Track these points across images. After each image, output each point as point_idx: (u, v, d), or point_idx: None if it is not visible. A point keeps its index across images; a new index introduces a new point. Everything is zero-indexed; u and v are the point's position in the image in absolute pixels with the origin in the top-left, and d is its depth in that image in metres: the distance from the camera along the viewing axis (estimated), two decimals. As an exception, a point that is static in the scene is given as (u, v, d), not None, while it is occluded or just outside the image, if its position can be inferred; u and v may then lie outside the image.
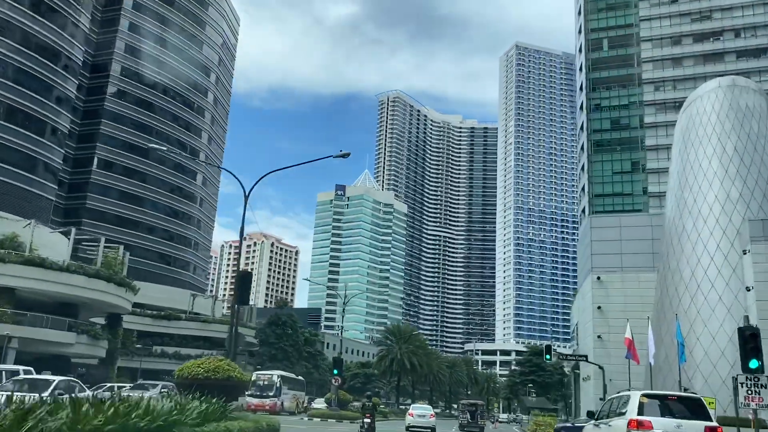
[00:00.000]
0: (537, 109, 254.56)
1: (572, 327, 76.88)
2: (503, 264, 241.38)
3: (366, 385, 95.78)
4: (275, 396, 39.33)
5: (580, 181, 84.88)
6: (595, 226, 50.44)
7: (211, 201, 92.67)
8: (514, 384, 76.16)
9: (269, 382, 40.02)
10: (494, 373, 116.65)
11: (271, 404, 38.39)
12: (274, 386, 39.58)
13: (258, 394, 39.28)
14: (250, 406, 38.07)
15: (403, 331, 65.64)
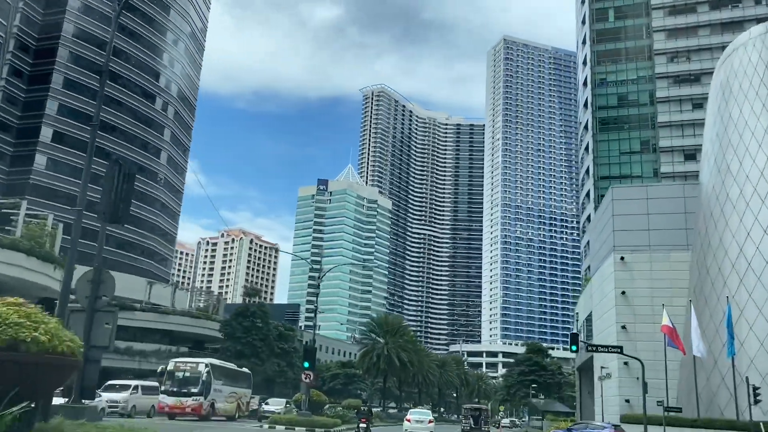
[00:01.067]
0: (525, 104, 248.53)
1: (578, 322, 69.44)
2: (490, 263, 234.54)
3: (347, 386, 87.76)
4: (201, 393, 30.15)
5: (584, 163, 77.79)
6: (618, 199, 43.07)
7: (177, 184, 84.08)
8: (512, 385, 68.82)
9: (192, 374, 30.64)
10: (485, 374, 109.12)
11: (195, 405, 29.81)
12: (200, 379, 30.40)
13: (175, 391, 30.15)
14: (162, 407, 29.80)
15: (391, 323, 57.82)
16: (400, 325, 59.34)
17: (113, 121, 72.00)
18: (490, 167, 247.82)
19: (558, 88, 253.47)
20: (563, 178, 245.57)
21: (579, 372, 65.65)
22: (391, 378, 58.66)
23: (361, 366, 57.93)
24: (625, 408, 39.70)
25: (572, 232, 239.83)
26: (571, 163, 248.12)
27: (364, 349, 56.95)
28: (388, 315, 71.33)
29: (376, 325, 57.40)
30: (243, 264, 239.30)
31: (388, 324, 56.53)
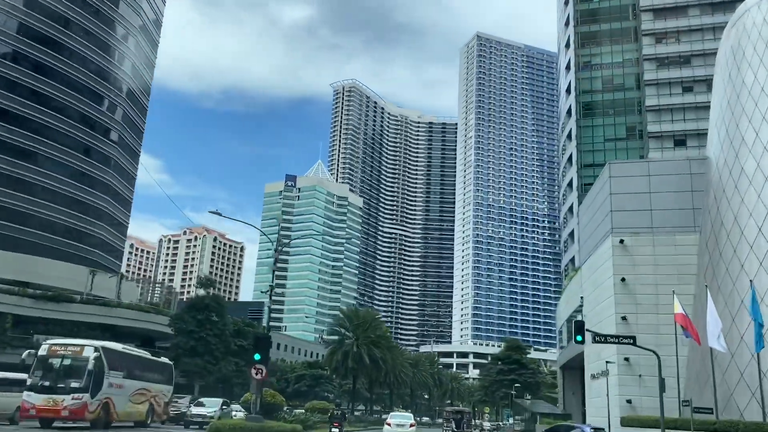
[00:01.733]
0: (498, 102, 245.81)
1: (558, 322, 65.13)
2: (461, 262, 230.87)
3: (313, 388, 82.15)
4: (86, 389, 21.51)
5: (567, 150, 73.66)
6: (617, 176, 38.57)
7: (129, 169, 77.45)
8: (490, 384, 64.09)
9: (75, 361, 21.82)
10: (459, 374, 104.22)
11: (76, 407, 21.13)
12: (85, 369, 21.61)
13: (47, 386, 21.34)
14: (27, 408, 21.12)
15: (362, 316, 52.35)
16: (373, 318, 53.94)
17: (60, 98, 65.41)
18: (462, 165, 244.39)
19: (530, 88, 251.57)
20: (535, 178, 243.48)
21: (562, 371, 61.35)
22: (361, 378, 53.37)
23: (328, 365, 52.24)
24: (626, 409, 35.09)
25: (543, 232, 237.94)
26: (543, 163, 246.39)
27: (332, 346, 51.42)
28: (359, 308, 65.56)
29: (346, 318, 51.78)
30: (206, 263, 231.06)
31: (359, 317, 51.10)
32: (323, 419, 31.67)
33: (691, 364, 33.78)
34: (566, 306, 57.84)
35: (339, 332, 51.76)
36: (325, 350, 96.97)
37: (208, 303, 49.61)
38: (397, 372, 58.09)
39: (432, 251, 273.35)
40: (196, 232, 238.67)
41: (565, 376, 60.67)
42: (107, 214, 71.67)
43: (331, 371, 52.88)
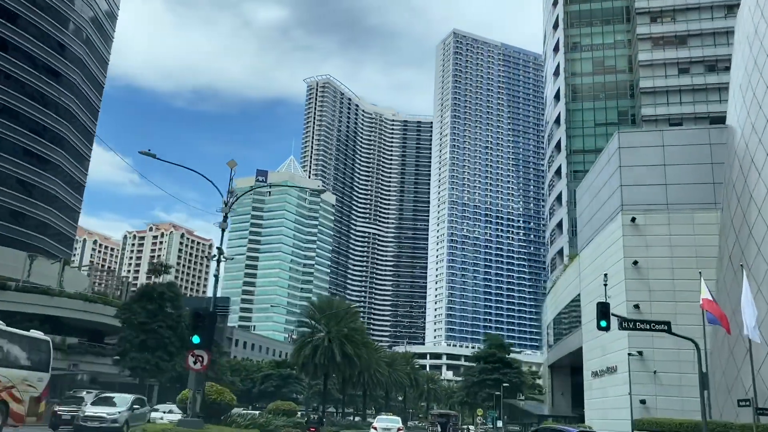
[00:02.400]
0: (474, 100, 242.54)
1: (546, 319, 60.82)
2: (436, 262, 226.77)
3: (281, 389, 76.56)
4: None
5: (554, 136, 69.53)
6: (627, 146, 34.15)
7: (82, 150, 71.04)
8: (472, 384, 59.28)
9: None
10: (436, 375, 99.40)
11: None
12: None
13: None
14: None
15: (336, 306, 46.92)
16: (348, 310, 48.53)
17: None
18: (437, 163, 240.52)
19: (507, 87, 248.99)
20: (510, 178, 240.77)
21: (550, 370, 56.96)
22: (333, 377, 48.11)
23: (295, 361, 46.56)
24: (640, 411, 30.55)
25: (519, 232, 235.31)
26: (519, 162, 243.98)
27: (300, 340, 45.96)
28: (332, 297, 60.04)
29: (316, 309, 46.33)
30: (173, 260, 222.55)
31: (332, 308, 45.72)
32: (288, 423, 26.39)
33: (715, 357, 29.43)
34: (556, 301, 53.49)
35: (308, 324, 46.21)
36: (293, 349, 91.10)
37: (161, 291, 43.86)
38: (372, 371, 52.98)
39: (405, 251, 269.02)
40: (163, 228, 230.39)
41: (553, 376, 56.38)
42: (56, 198, 65.26)
43: (298, 369, 47.18)
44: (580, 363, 52.90)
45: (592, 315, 39.36)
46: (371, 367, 52.37)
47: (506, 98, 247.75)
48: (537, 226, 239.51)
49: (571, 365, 56.31)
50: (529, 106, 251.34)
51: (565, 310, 49.79)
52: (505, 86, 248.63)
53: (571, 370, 56.72)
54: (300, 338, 46.38)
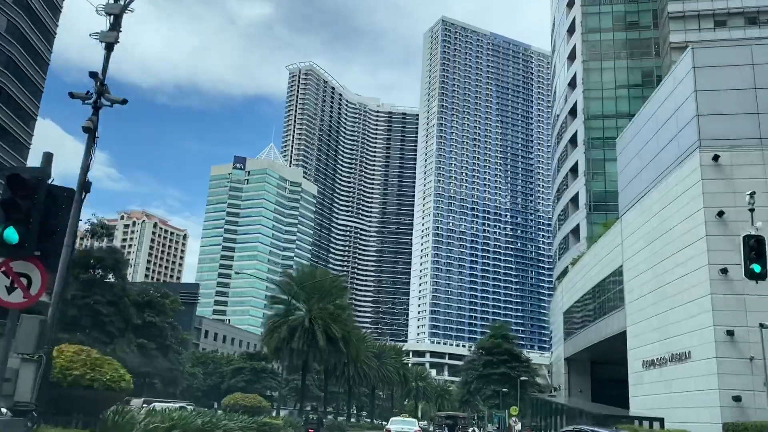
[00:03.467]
0: (462, 91, 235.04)
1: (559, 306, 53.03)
2: (420, 256, 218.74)
3: (253, 384, 67.80)
4: None
5: (568, 101, 61.61)
6: (704, 65, 26.27)
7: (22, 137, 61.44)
8: (475, 380, 51.00)
9: None
10: (425, 371, 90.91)
11: None
12: None
13: None
14: None
15: (319, 277, 37.97)
16: (334, 282, 39.54)
17: None
18: (423, 155, 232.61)
19: (496, 77, 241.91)
20: (498, 171, 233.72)
21: (567, 364, 49.00)
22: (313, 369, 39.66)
23: (267, 345, 37.56)
24: (732, 412, 22.51)
25: (506, 227, 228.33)
26: (507, 156, 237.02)
27: (273, 319, 36.98)
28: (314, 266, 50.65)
29: (294, 282, 37.45)
30: (144, 250, 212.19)
31: (313, 279, 36.91)
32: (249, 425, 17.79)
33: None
34: (575, 286, 45.55)
35: (284, 301, 37.38)
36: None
37: (101, 258, 35.01)
38: (359, 363, 44.52)
39: (388, 246, 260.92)
40: (135, 216, 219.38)
41: (570, 371, 48.40)
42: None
43: (271, 355, 38.05)
44: (602, 356, 44.94)
45: (641, 290, 31.32)
46: (359, 358, 43.84)
47: (495, 90, 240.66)
48: (525, 221, 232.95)
49: (591, 359, 48.46)
50: (518, 98, 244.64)
51: (588, 295, 41.85)
52: (494, 77, 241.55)
53: (591, 365, 48.89)
54: (273, 318, 37.60)
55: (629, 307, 32.50)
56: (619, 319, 34.00)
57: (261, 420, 20.12)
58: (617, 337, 34.35)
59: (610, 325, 35.68)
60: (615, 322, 34.64)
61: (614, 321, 34.89)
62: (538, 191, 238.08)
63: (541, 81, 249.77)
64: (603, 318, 37.20)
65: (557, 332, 53.06)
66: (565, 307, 49.14)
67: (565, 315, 48.94)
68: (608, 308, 36.23)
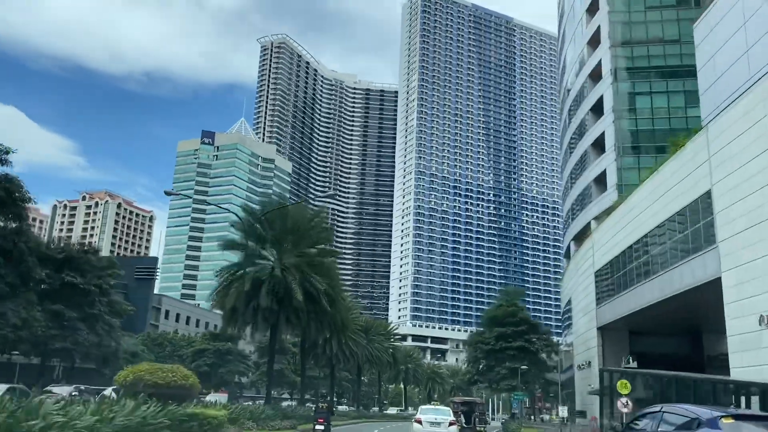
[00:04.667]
0: (443, 64, 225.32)
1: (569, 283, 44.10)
2: (401, 236, 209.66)
3: (217, 368, 58.20)
4: None
5: (590, 27, 52.29)
6: None
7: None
8: (486, 356, 41.44)
9: None
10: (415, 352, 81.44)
11: None
12: None
13: None
14: None
15: (291, 216, 27.58)
16: (312, 222, 29.17)
17: None
18: (403, 131, 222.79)
19: (477, 51, 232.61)
20: (481, 148, 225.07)
21: (601, 334, 40.17)
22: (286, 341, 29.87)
23: (221, 304, 26.68)
24: None
25: (489, 206, 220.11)
26: (490, 132, 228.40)
27: (229, 270, 26.78)
28: (283, 200, 39.65)
29: (262, 221, 26.83)
30: (108, 232, 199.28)
31: (286, 218, 26.73)
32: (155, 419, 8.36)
33: None
34: (614, 239, 36.56)
35: (243, 245, 26.97)
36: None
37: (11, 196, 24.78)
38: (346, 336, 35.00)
39: (367, 227, 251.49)
40: (97, 197, 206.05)
41: (604, 343, 39.49)
42: None
43: (226, 319, 27.72)
44: (649, 323, 36.15)
45: (747, 219, 22.24)
46: (347, 329, 34.26)
47: (477, 64, 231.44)
48: (508, 200, 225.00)
49: (629, 328, 39.60)
50: (501, 73, 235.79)
51: (640, 244, 32.81)
52: (476, 50, 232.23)
53: (629, 335, 40.04)
54: (229, 268, 27.44)
55: (726, 245, 23.37)
56: (705, 264, 24.89)
57: (183, 411, 10.83)
58: (701, 290, 25.33)
59: (688, 273, 26.56)
60: (698, 269, 25.52)
61: (696, 267, 25.78)
62: (522, 170, 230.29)
63: (524, 56, 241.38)
64: (674, 267, 28.08)
65: (582, 301, 44.11)
66: (597, 265, 40.09)
67: (598, 276, 39.91)
68: (686, 251, 27.10)
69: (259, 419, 21.39)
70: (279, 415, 24.35)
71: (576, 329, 46.64)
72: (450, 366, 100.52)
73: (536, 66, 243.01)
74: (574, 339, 46.42)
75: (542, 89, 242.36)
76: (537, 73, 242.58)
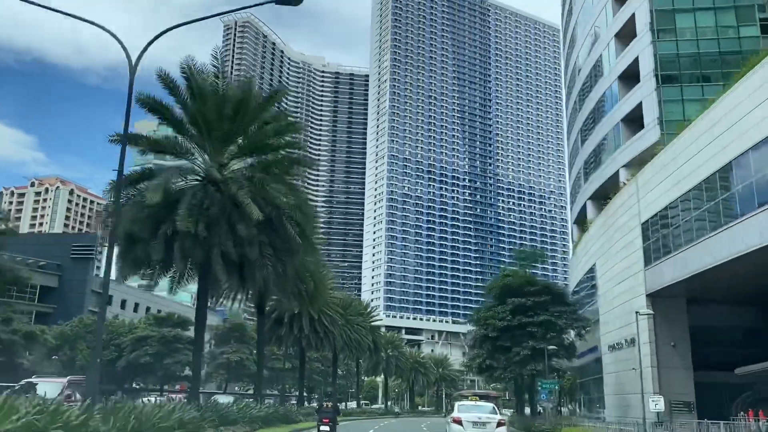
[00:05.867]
0: (416, 44, 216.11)
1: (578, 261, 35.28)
2: (373, 224, 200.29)
3: (163, 358, 48.00)
4: None
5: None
6: None
7: None
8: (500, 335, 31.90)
9: None
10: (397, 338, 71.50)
11: None
12: None
13: None
14: None
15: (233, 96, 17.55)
16: (265, 110, 18.60)
17: None
18: (375, 114, 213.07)
19: (451, 31, 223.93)
20: (455, 132, 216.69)
21: (652, 302, 31.30)
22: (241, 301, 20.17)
23: (112, 231, 17.14)
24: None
25: (464, 192, 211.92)
26: (464, 116, 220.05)
27: (132, 178, 17.07)
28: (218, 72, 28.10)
29: (186, 104, 16.86)
30: (60, 221, 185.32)
31: (223, 97, 17.01)
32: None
33: None
34: (678, 172, 27.66)
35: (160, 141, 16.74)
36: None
37: None
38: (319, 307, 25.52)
39: (337, 216, 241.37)
40: (48, 183, 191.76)
41: (656, 316, 30.56)
42: None
43: (121, 260, 17.40)
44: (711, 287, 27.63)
45: None
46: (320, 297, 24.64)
47: (450, 45, 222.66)
48: (484, 186, 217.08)
49: (687, 295, 30.90)
50: (475, 54, 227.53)
51: (715, 178, 23.98)
52: (449, 31, 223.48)
53: (687, 303, 31.28)
54: (131, 176, 17.35)
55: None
56: None
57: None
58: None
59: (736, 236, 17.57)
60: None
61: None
62: (498, 154, 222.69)
63: (498, 37, 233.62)
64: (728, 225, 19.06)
65: (619, 264, 35.16)
66: (645, 215, 31.13)
67: (648, 228, 30.97)
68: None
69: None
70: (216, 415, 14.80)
71: (605, 301, 37.78)
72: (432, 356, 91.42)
73: (511, 47, 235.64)
74: (603, 314, 37.50)
75: (518, 72, 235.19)
76: (512, 55, 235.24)
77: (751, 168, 21.93)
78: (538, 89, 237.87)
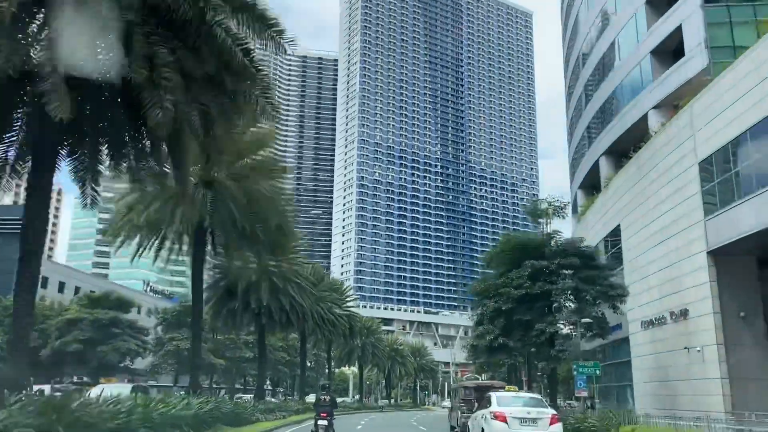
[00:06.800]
0: (386, 26, 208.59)
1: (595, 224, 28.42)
2: (343, 211, 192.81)
3: (97, 345, 39.93)
4: None
5: None
6: None
7: None
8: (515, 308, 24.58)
9: None
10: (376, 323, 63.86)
11: None
12: None
13: None
14: None
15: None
16: None
17: None
18: (345, 97, 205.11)
19: (423, 14, 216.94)
20: (428, 116, 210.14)
21: (715, 263, 24.49)
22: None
23: None
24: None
25: (436, 178, 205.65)
26: (437, 100, 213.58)
27: None
28: None
29: None
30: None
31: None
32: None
33: None
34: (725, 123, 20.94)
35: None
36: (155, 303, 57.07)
37: None
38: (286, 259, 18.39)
39: (306, 204, 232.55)
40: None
41: (719, 279, 23.85)
42: None
43: None
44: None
45: None
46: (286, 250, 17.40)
47: (422, 26, 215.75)
48: (456, 173, 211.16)
49: (760, 254, 24.35)
50: (447, 38, 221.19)
51: None
52: (422, 13, 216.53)
53: (759, 264, 24.67)
54: None
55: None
56: None
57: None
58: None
59: None
60: None
61: None
62: (470, 141, 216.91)
63: (471, 21, 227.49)
64: None
65: (661, 218, 28.55)
66: (704, 151, 24.41)
67: (711, 164, 24.28)
68: None
69: None
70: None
71: (635, 268, 31.13)
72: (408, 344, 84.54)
73: (483, 31, 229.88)
74: (632, 284, 30.77)
75: (490, 57, 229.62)
76: (485, 40, 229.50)
77: None
78: (510, 77, 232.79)
